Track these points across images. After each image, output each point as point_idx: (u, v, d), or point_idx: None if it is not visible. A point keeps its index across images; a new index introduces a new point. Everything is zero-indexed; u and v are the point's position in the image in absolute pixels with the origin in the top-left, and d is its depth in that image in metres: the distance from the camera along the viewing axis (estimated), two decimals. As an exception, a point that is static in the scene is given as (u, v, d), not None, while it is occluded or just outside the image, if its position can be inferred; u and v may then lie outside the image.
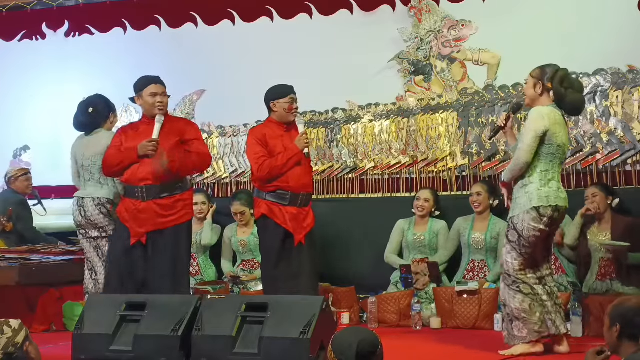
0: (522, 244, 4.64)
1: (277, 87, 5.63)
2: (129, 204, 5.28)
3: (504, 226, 6.15)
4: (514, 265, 4.67)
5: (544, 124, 4.58)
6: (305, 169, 5.57)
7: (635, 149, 6.19)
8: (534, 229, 4.60)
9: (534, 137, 4.58)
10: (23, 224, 7.16)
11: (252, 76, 7.53)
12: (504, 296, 4.74)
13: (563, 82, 4.67)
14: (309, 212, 5.56)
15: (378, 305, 6.01)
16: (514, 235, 4.66)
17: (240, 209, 6.71)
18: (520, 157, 4.62)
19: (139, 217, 5.25)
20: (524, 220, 4.61)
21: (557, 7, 6.65)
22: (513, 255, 4.68)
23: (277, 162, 5.43)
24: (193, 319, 4.38)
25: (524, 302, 4.66)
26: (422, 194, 6.48)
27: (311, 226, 5.53)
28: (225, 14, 7.84)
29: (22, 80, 8.49)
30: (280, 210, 5.43)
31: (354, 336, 3.15)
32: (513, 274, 4.68)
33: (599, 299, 5.36)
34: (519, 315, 4.67)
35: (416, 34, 7.09)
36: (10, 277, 5.86)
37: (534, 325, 4.66)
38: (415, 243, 6.38)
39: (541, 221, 4.59)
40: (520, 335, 4.68)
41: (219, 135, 7.78)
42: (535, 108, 4.70)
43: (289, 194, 5.44)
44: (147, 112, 5.45)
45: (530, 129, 4.60)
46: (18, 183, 7.33)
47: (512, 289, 4.68)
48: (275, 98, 5.59)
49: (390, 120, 7.09)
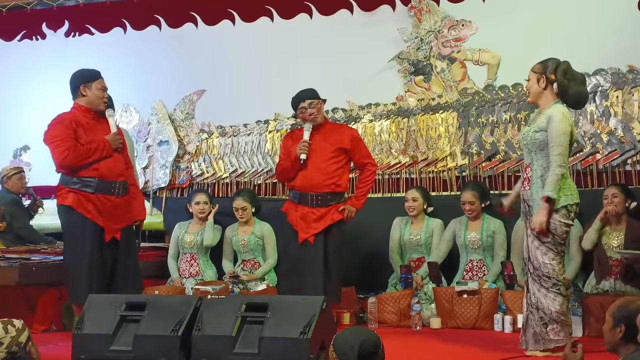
0: (557, 242, 4.61)
1: (295, 96, 5.69)
2: (103, 200, 5.24)
3: (498, 224, 6.17)
4: (553, 266, 4.60)
5: (570, 124, 4.62)
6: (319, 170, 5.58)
7: (635, 149, 6.19)
8: (565, 225, 4.60)
9: (567, 139, 4.58)
10: (18, 222, 7.15)
11: (252, 76, 7.55)
12: (538, 299, 4.63)
13: (566, 74, 4.65)
14: (326, 214, 5.58)
15: (378, 305, 6.01)
16: (548, 236, 4.61)
17: (242, 204, 6.71)
18: (564, 162, 4.57)
19: (115, 213, 5.26)
20: (555, 218, 4.58)
21: (557, 7, 6.65)
22: (550, 255, 4.62)
23: (284, 166, 5.74)
24: (193, 319, 4.37)
25: (564, 304, 4.61)
26: (410, 194, 6.47)
27: (322, 228, 5.55)
28: (225, 14, 7.84)
29: (22, 80, 8.49)
30: (294, 209, 5.65)
31: (356, 336, 3.14)
32: (554, 276, 4.60)
33: (599, 299, 5.35)
34: (558, 318, 4.59)
35: (416, 34, 7.09)
36: (10, 277, 5.85)
37: (569, 327, 4.63)
38: (412, 243, 6.38)
39: (569, 217, 4.62)
40: (557, 339, 4.59)
41: (219, 135, 7.78)
42: (556, 107, 4.64)
43: (299, 194, 5.63)
44: (94, 105, 5.36)
45: (562, 133, 4.56)
46: (11, 182, 7.30)
47: (553, 291, 4.60)
48: (295, 107, 5.70)
49: (390, 120, 7.09)
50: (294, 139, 5.73)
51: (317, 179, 5.59)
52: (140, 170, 7.78)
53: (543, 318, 4.62)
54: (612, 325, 3.31)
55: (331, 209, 5.59)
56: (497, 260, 6.14)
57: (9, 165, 7.76)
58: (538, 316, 4.63)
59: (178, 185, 7.85)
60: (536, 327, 4.64)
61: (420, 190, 6.53)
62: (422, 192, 6.51)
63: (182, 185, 7.82)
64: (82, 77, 5.40)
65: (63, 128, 5.25)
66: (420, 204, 6.42)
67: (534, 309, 4.66)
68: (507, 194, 6.39)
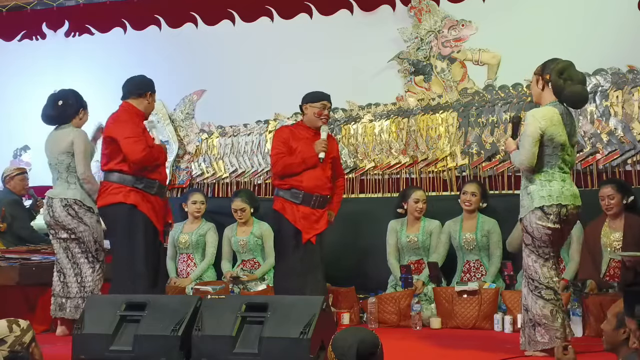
0: (537, 245, 4.59)
1: (314, 92, 5.71)
2: (160, 202, 5.43)
3: (492, 224, 6.16)
4: (535, 269, 4.59)
5: (539, 126, 4.55)
6: (323, 173, 5.62)
7: (635, 149, 6.20)
8: (543, 227, 4.55)
9: (531, 142, 4.55)
10: (19, 223, 7.16)
11: (252, 76, 7.55)
12: (526, 301, 4.64)
13: (562, 73, 4.61)
14: (323, 214, 5.61)
15: (378, 305, 6.00)
16: (528, 238, 4.62)
17: (240, 205, 6.71)
18: (522, 162, 4.60)
19: (161, 214, 5.45)
20: (531, 221, 4.58)
21: (557, 7, 6.66)
22: (533, 258, 4.61)
23: (291, 161, 5.56)
24: (193, 319, 4.37)
25: (545, 307, 4.58)
26: (421, 195, 6.37)
27: (323, 228, 5.59)
28: (225, 14, 7.85)
29: (22, 80, 8.49)
30: (292, 208, 5.53)
31: (354, 336, 3.15)
32: (537, 279, 4.59)
33: (599, 299, 5.34)
34: (540, 321, 4.59)
35: (416, 34, 7.09)
36: (10, 277, 5.85)
37: (555, 331, 4.58)
38: (410, 245, 6.36)
39: (548, 219, 4.55)
40: (542, 341, 4.58)
41: (219, 135, 7.79)
42: (530, 112, 4.67)
43: (302, 194, 5.54)
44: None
45: (527, 135, 4.58)
46: (13, 182, 7.31)
47: (535, 294, 4.60)
48: (308, 101, 5.67)
49: (390, 120, 7.10)
50: (295, 136, 5.66)
51: (322, 180, 5.61)
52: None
53: (531, 320, 4.64)
54: (614, 325, 3.28)
55: (325, 211, 5.64)
56: (493, 259, 6.13)
57: (11, 166, 7.77)
58: (527, 317, 4.67)
59: (178, 186, 7.85)
60: (526, 329, 4.68)
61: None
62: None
63: (182, 185, 7.82)
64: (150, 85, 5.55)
65: (135, 126, 5.37)
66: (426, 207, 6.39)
67: (524, 310, 4.70)
68: (507, 194, 6.45)
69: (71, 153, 5.64)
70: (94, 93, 6.93)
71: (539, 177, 4.60)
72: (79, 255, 5.66)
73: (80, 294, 5.62)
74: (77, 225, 5.62)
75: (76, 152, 5.62)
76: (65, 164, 5.64)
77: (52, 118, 5.75)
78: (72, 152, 5.63)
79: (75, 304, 5.62)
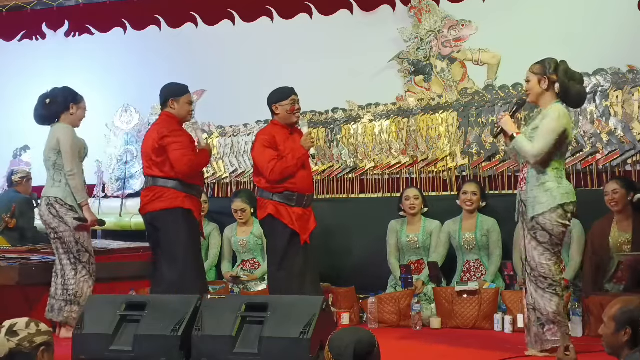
0: (554, 243, 4.57)
1: (279, 90, 5.60)
2: (199, 205, 5.62)
3: (492, 223, 6.16)
4: (549, 266, 4.56)
5: (565, 123, 4.57)
6: (309, 170, 5.61)
7: (635, 149, 6.19)
8: (562, 225, 4.55)
9: (554, 138, 4.53)
10: (26, 220, 7.22)
11: (252, 76, 7.55)
12: (535, 300, 4.60)
13: (567, 73, 4.66)
14: (312, 213, 5.57)
15: (378, 305, 6.00)
16: (545, 236, 4.56)
17: (241, 205, 6.72)
18: (539, 153, 4.53)
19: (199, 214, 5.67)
20: (552, 219, 4.54)
21: (557, 7, 6.66)
22: (547, 256, 4.57)
23: (287, 164, 5.41)
24: (193, 319, 4.37)
25: (560, 304, 4.57)
26: (412, 192, 6.42)
27: (314, 226, 5.55)
28: (225, 14, 7.85)
29: (22, 80, 8.50)
30: (287, 211, 5.42)
31: (351, 336, 3.14)
32: (550, 277, 4.56)
33: (599, 299, 5.33)
34: (554, 319, 4.56)
35: (416, 34, 7.10)
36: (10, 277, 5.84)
37: (566, 328, 4.59)
38: (410, 245, 6.36)
39: (566, 217, 4.57)
40: (554, 339, 4.56)
41: (219, 135, 7.79)
42: (554, 106, 4.62)
43: (296, 195, 5.44)
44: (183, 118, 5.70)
45: (552, 129, 4.54)
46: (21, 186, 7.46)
47: (549, 292, 4.57)
48: (277, 101, 5.55)
49: (390, 120, 7.10)
50: (280, 137, 5.48)
51: (310, 179, 5.61)
52: (140, 171, 7.78)
53: (540, 319, 4.60)
54: (614, 329, 3.24)
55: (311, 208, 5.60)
56: (493, 259, 6.13)
57: (20, 169, 7.79)
58: (535, 317, 4.63)
59: (178, 185, 7.84)
60: (533, 328, 4.65)
61: (420, 191, 6.51)
62: (421, 193, 6.50)
63: (182, 185, 7.81)
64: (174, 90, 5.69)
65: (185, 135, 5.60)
66: (420, 203, 6.39)
67: (531, 309, 4.65)
68: (507, 194, 6.44)
69: (57, 150, 5.54)
70: (94, 93, 6.93)
71: (553, 173, 4.59)
72: (63, 257, 5.57)
73: (63, 297, 5.52)
74: (59, 225, 5.52)
75: (62, 150, 5.52)
76: (52, 161, 5.56)
77: (43, 117, 5.69)
78: (59, 150, 5.54)
79: (59, 306, 5.53)
